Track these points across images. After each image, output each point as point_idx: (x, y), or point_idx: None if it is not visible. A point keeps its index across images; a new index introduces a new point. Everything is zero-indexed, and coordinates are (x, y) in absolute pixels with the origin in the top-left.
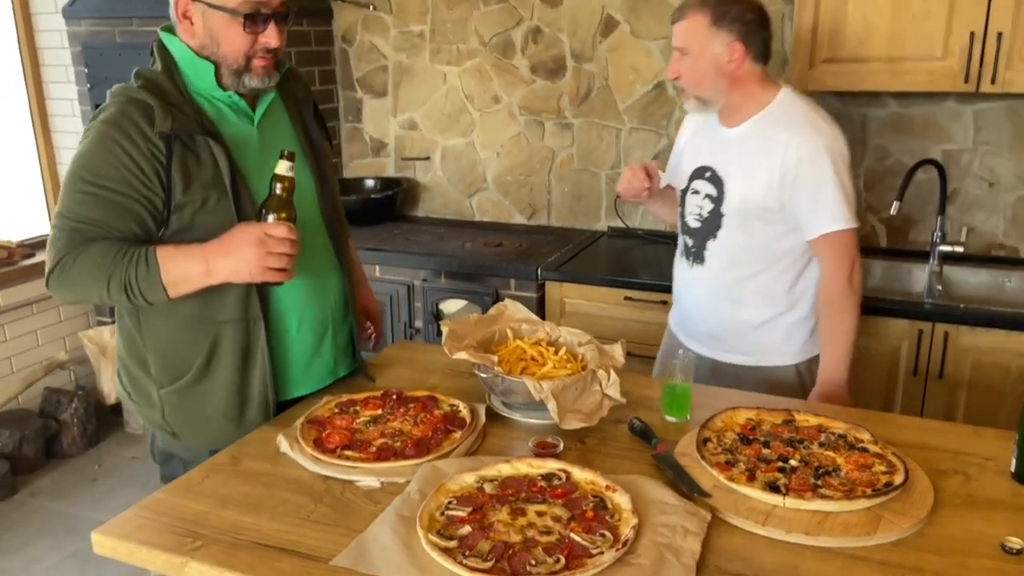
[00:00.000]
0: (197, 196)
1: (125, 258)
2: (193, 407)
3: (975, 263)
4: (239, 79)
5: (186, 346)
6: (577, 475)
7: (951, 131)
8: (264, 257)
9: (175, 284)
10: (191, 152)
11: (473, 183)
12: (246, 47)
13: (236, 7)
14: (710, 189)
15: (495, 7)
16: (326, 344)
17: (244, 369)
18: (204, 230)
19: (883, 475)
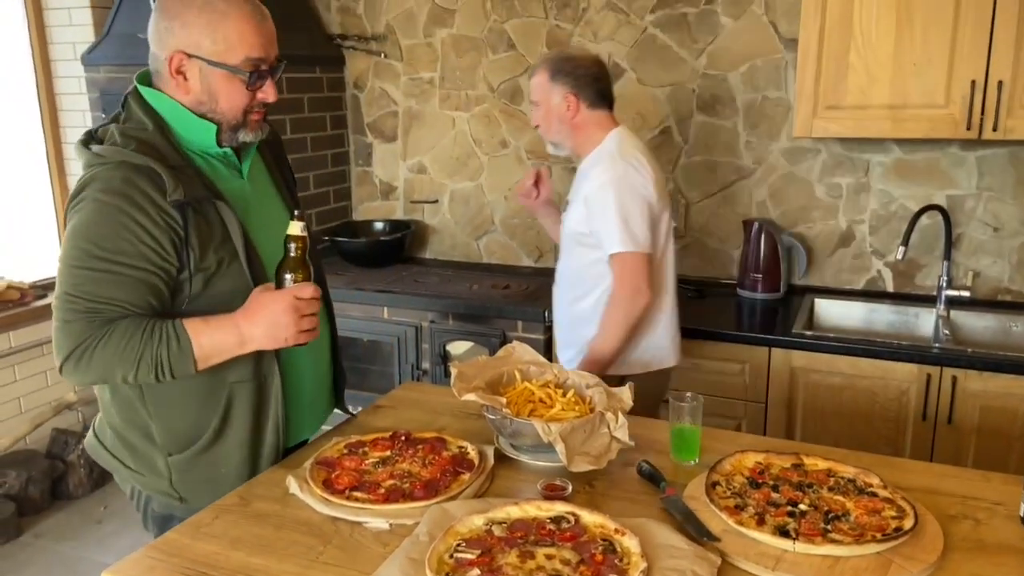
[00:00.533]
0: (212, 261)
1: (154, 337)
2: (205, 470)
3: (982, 308)
4: (235, 134)
5: (198, 412)
6: (586, 518)
7: (955, 177)
8: (298, 322)
9: (207, 358)
10: (201, 216)
11: (481, 225)
12: (245, 103)
13: (239, 64)
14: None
15: (503, 55)
16: (323, 386)
17: (257, 425)
18: (218, 296)
19: (893, 520)
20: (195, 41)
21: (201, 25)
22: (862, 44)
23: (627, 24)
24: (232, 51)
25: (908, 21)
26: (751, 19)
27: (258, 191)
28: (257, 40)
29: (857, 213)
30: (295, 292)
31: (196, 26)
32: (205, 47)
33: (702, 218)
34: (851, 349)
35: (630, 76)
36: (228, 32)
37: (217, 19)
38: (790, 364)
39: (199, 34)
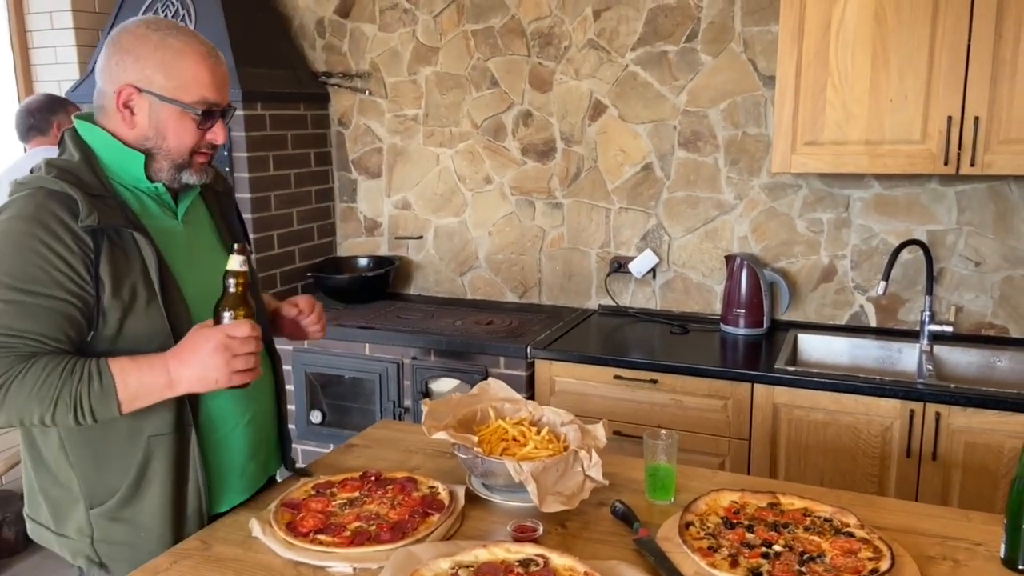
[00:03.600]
0: (126, 295)
1: (74, 375)
2: (125, 531)
3: (965, 342)
4: (177, 174)
5: (115, 464)
6: (555, 561)
7: (935, 212)
8: (230, 362)
9: (133, 399)
10: (118, 247)
11: (465, 262)
12: (193, 143)
13: (193, 103)
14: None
15: (487, 92)
16: (261, 445)
17: (178, 485)
18: (133, 338)
19: (869, 561)
20: (148, 76)
21: (156, 60)
22: (839, 80)
23: (608, 62)
24: (186, 89)
25: (884, 58)
26: (730, 57)
27: (193, 234)
28: (211, 81)
29: (838, 248)
30: (227, 330)
31: (151, 61)
32: (157, 82)
33: (684, 253)
34: (833, 385)
35: (612, 113)
36: (183, 70)
37: (172, 56)
38: (772, 400)
39: (153, 69)
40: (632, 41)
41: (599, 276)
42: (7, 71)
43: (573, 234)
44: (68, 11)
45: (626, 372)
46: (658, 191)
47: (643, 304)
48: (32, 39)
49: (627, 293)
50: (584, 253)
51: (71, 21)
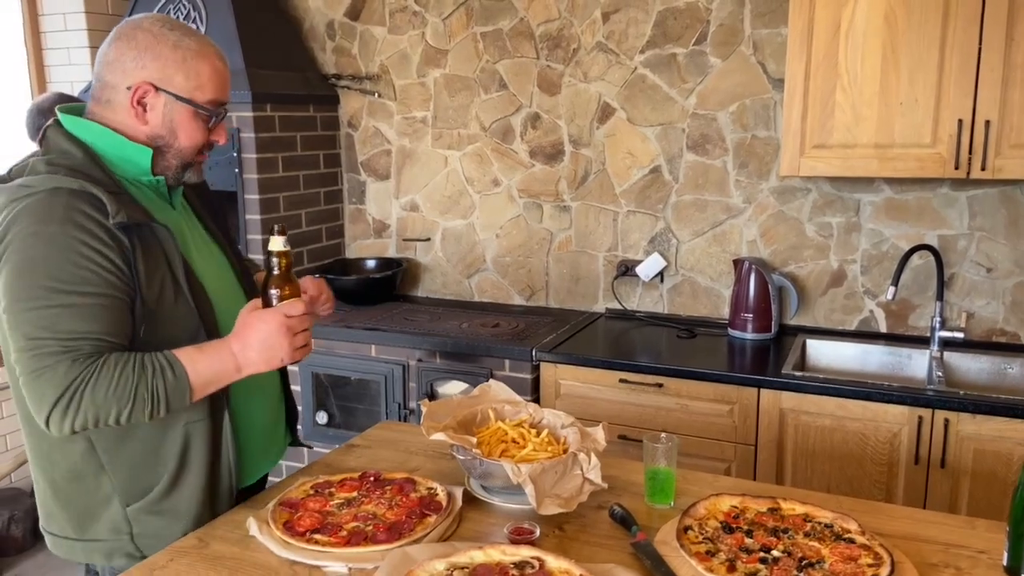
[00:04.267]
0: (156, 288)
1: (146, 369)
2: (165, 519)
3: (976, 349)
4: (182, 172)
5: (154, 457)
6: (551, 563)
7: (946, 216)
8: (294, 339)
9: (204, 386)
10: (143, 241)
11: (472, 264)
12: (202, 142)
13: (206, 103)
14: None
15: (495, 95)
16: (276, 420)
17: (214, 466)
18: (167, 325)
19: (869, 568)
20: (168, 75)
21: (175, 60)
22: (848, 83)
23: (617, 64)
24: (202, 89)
25: (894, 60)
26: (739, 60)
27: (189, 224)
28: (223, 83)
29: (848, 253)
30: (285, 310)
31: (170, 60)
32: (177, 82)
33: (692, 257)
34: (840, 390)
35: (620, 116)
36: (201, 71)
37: (191, 57)
38: (779, 405)
39: (173, 69)
40: (641, 44)
41: (606, 279)
42: (21, 71)
43: (581, 237)
44: (81, 13)
45: (631, 376)
46: (666, 194)
47: (651, 308)
48: (46, 40)
49: (635, 297)
50: (592, 256)
51: (84, 23)
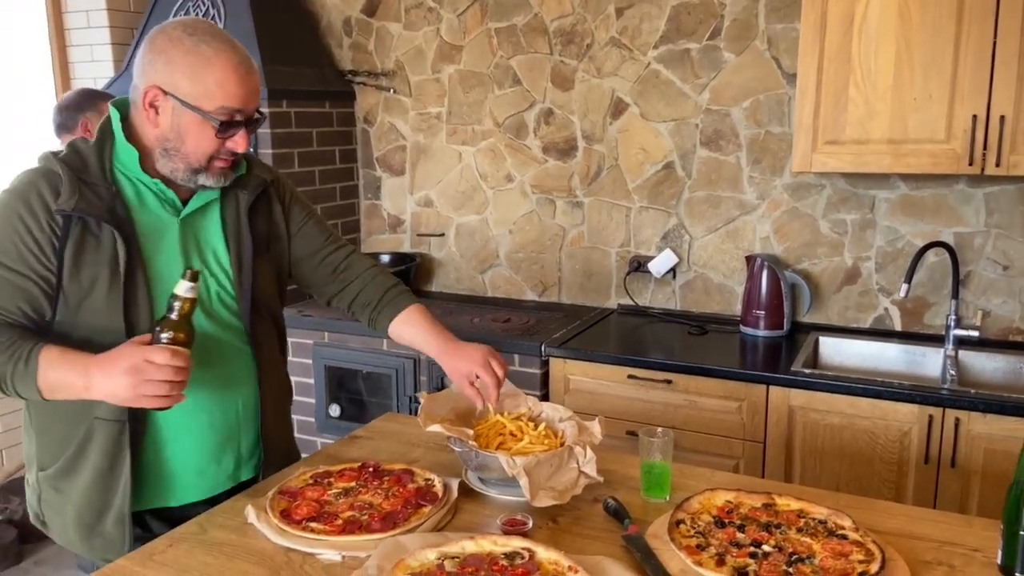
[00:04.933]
0: (85, 283)
1: (9, 352)
2: (60, 501)
3: (992, 348)
4: (193, 176)
5: (61, 432)
6: (541, 554)
7: (963, 213)
8: (139, 385)
9: (52, 390)
10: (92, 235)
11: (486, 259)
12: (212, 150)
13: (213, 112)
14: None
15: (509, 90)
16: (228, 449)
17: (109, 474)
18: (88, 326)
19: (860, 564)
20: (174, 80)
21: (184, 66)
22: (861, 78)
23: (631, 60)
24: (209, 97)
25: (907, 54)
26: (753, 54)
27: (193, 234)
28: (237, 91)
29: (863, 250)
30: (146, 353)
31: (179, 65)
32: (183, 88)
33: (705, 253)
34: (849, 388)
35: (633, 111)
36: (208, 78)
37: (201, 64)
38: (788, 402)
39: (180, 74)
40: (655, 39)
41: (619, 275)
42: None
43: (593, 233)
44: (104, 10)
45: (640, 372)
46: (679, 190)
47: (663, 304)
48: (70, 37)
49: (647, 293)
50: (604, 252)
51: (107, 20)
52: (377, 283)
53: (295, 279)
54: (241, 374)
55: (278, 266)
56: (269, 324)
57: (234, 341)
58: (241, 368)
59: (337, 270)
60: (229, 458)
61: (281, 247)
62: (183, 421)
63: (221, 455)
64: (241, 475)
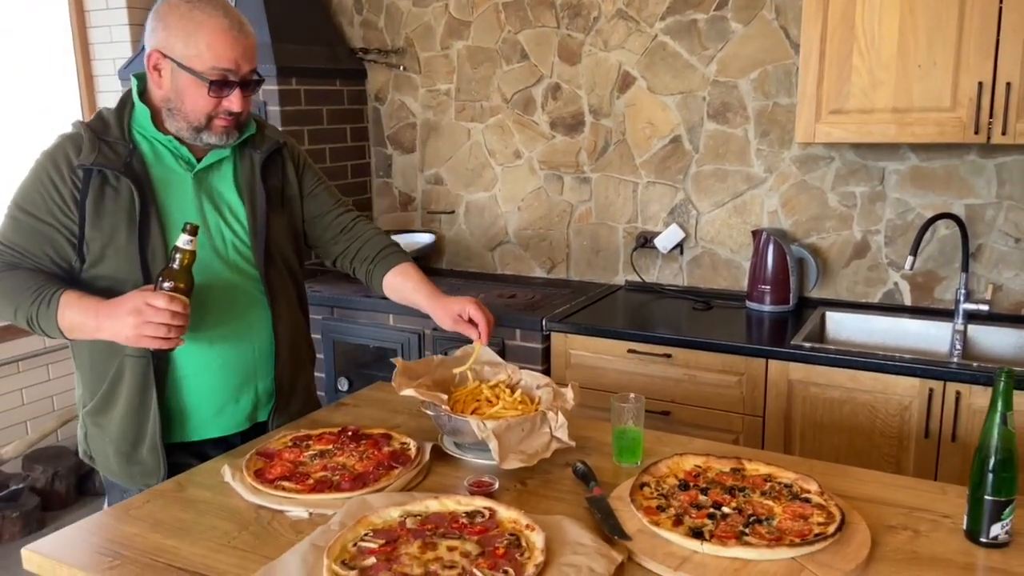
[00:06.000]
0: (106, 231)
1: (34, 294)
2: (99, 436)
3: (1004, 322)
4: (197, 135)
5: (96, 369)
6: (502, 513)
7: (974, 185)
8: (140, 326)
9: (70, 330)
10: (111, 187)
11: (495, 236)
12: (209, 108)
13: (204, 72)
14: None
15: (516, 66)
16: (246, 390)
17: (140, 407)
18: (113, 268)
19: (819, 526)
20: (171, 43)
21: (179, 30)
22: (865, 46)
23: (637, 32)
24: (200, 58)
25: (912, 21)
26: (761, 24)
27: (208, 188)
28: (227, 52)
29: (872, 223)
30: (147, 297)
31: (175, 29)
32: (178, 50)
33: (712, 229)
34: (848, 362)
35: (640, 84)
36: (199, 40)
37: (193, 27)
38: (788, 376)
39: (175, 38)
40: (661, 10)
41: (626, 251)
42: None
43: (601, 209)
44: None
45: (639, 346)
46: (686, 164)
47: (670, 280)
48: (89, 19)
49: (654, 269)
50: (611, 228)
51: (124, 1)
52: (375, 242)
53: (307, 238)
54: (257, 320)
55: (292, 222)
56: (285, 276)
57: (250, 288)
58: (257, 314)
59: (344, 230)
60: (247, 399)
61: (294, 205)
62: (202, 361)
63: (239, 395)
64: (259, 416)
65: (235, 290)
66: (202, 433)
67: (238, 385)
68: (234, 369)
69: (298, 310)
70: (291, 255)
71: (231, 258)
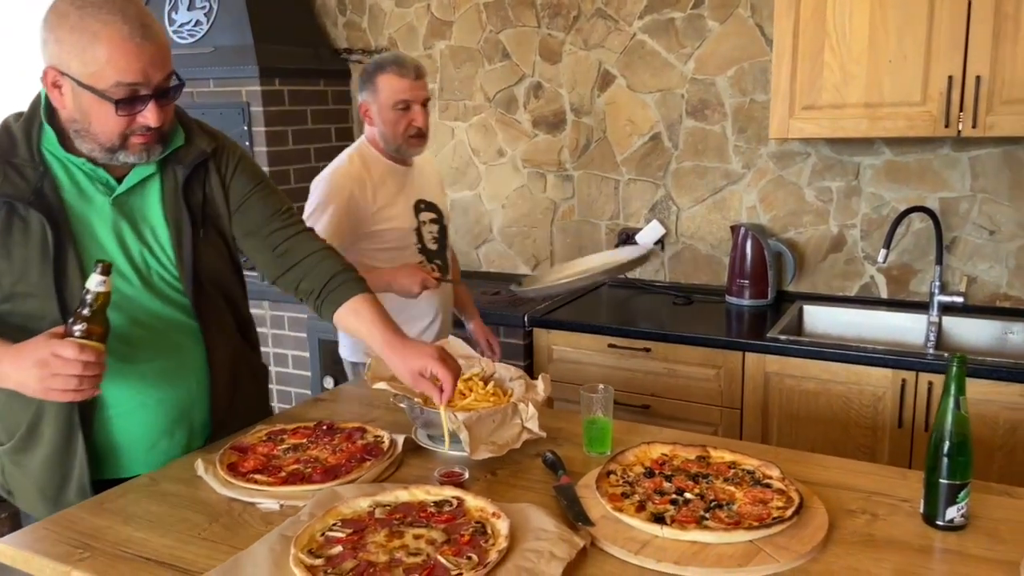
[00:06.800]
0: (16, 267)
1: None
2: (20, 475)
3: (979, 314)
4: (111, 155)
5: (14, 409)
6: (469, 502)
7: (948, 178)
8: (47, 379)
9: None
10: (19, 218)
11: (480, 234)
12: (121, 127)
13: (108, 90)
14: (432, 214)
15: (499, 65)
16: (181, 424)
17: (65, 449)
18: (25, 306)
19: (778, 510)
20: (66, 60)
21: (72, 44)
22: (836, 42)
23: (616, 31)
24: (101, 75)
25: (882, 16)
26: (737, 22)
27: (130, 212)
28: (131, 65)
29: (848, 217)
30: (54, 347)
31: (67, 44)
32: (75, 68)
33: (693, 224)
34: (822, 353)
35: (620, 83)
36: (97, 55)
37: (87, 40)
38: (764, 369)
39: (69, 53)
40: (639, 9)
41: (609, 248)
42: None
43: (583, 206)
44: None
45: (619, 340)
46: (666, 161)
47: (652, 276)
48: None
49: None
50: (594, 225)
51: None
52: (323, 268)
53: (244, 256)
54: (189, 352)
55: (225, 242)
56: (219, 302)
57: (180, 319)
58: (189, 346)
59: (277, 250)
60: (182, 432)
61: (222, 223)
62: (133, 400)
63: (174, 429)
64: (194, 445)
65: (164, 322)
66: (134, 470)
67: (173, 420)
68: (168, 404)
69: (236, 335)
70: (228, 277)
71: (158, 288)
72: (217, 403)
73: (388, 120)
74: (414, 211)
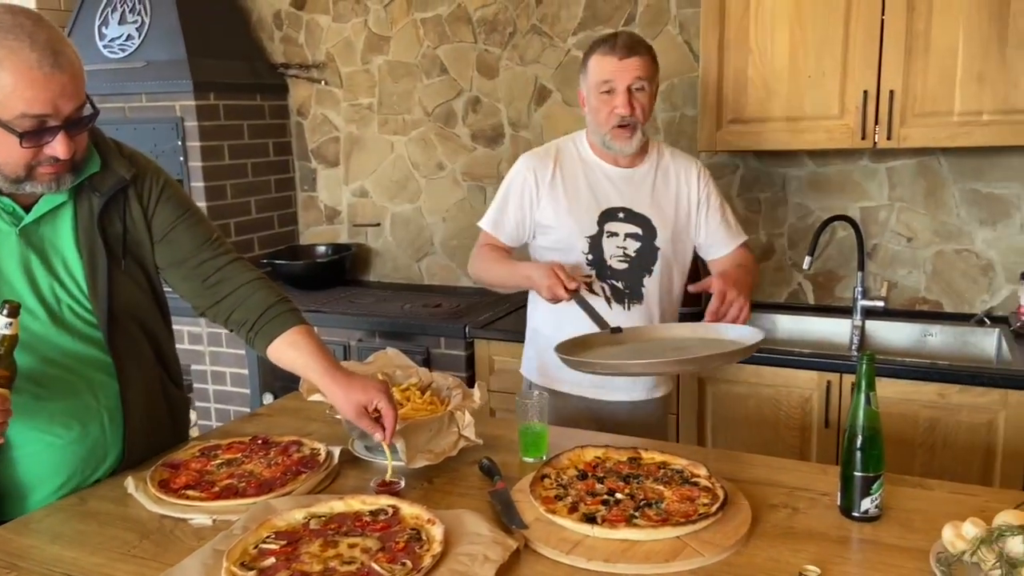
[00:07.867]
0: None
1: None
2: None
3: (900, 317)
4: (18, 186)
5: None
6: (405, 510)
7: (867, 188)
8: None
9: None
10: None
11: (421, 248)
12: (26, 159)
13: (12, 121)
14: (632, 228)
15: (437, 80)
16: (92, 461)
17: None
18: None
19: (704, 507)
20: None
21: None
22: (759, 58)
23: (551, 47)
24: (5, 105)
25: (801, 34)
26: (667, 39)
27: (39, 242)
28: (38, 95)
29: (776, 227)
30: None
31: None
32: None
33: None
34: (753, 358)
35: (556, 98)
36: (2, 83)
37: None
38: (697, 374)
39: None
40: (573, 26)
41: None
42: None
43: None
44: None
45: None
46: None
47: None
48: None
49: None
50: None
51: None
52: (256, 300)
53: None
54: (101, 389)
55: (145, 272)
56: (137, 335)
57: (94, 354)
58: (102, 383)
59: (208, 281)
60: (93, 470)
61: (143, 252)
62: (42, 440)
63: (85, 467)
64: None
65: (76, 359)
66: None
67: (83, 459)
68: (78, 444)
69: (156, 368)
70: (147, 309)
71: (69, 323)
72: (132, 439)
73: (592, 107)
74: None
